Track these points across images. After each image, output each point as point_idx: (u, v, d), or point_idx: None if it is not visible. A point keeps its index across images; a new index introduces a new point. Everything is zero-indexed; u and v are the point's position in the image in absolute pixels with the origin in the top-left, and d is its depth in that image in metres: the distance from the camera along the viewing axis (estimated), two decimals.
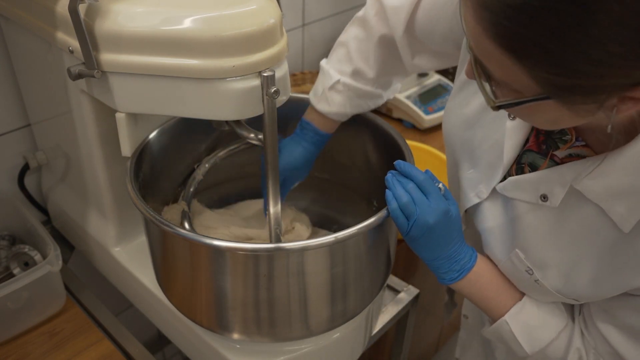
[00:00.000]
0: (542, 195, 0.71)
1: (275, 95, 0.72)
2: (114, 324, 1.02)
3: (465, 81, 0.82)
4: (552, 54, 0.49)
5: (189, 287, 0.82)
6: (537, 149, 0.74)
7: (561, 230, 0.71)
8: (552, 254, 0.73)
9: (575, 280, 0.72)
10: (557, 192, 0.70)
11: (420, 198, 0.74)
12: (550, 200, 0.71)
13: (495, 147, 0.78)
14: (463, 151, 0.84)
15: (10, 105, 1.10)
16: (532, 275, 0.75)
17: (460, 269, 0.79)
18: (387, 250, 0.86)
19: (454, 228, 0.77)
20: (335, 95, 0.94)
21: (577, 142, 0.70)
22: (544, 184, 0.71)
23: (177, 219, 0.94)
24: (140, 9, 0.71)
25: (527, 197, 0.73)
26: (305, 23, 1.63)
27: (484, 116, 0.80)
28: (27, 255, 1.02)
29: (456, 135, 0.85)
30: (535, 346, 0.80)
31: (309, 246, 0.72)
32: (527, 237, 0.75)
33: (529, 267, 0.75)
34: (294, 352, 0.86)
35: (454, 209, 0.76)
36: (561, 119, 0.58)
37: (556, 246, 0.73)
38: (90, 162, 0.94)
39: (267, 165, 0.79)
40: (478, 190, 0.81)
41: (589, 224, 0.68)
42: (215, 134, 1.01)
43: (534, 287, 0.77)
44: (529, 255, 0.75)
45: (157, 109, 0.76)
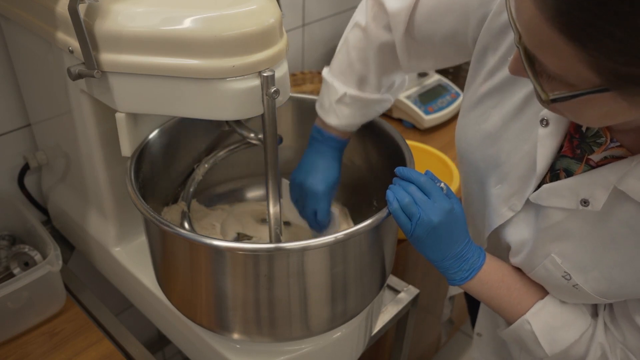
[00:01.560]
0: (582, 200, 0.69)
1: (275, 95, 0.72)
2: (114, 324, 1.02)
3: (480, 96, 0.80)
4: (621, 41, 0.47)
5: (189, 287, 0.82)
6: (572, 154, 0.72)
7: (602, 232, 0.69)
8: (593, 257, 0.71)
9: (621, 282, 0.70)
10: (599, 195, 0.67)
11: (422, 198, 0.74)
12: (592, 204, 0.68)
13: (525, 159, 0.76)
14: (488, 168, 0.81)
15: (10, 105, 1.10)
16: (569, 281, 0.73)
17: (469, 268, 0.78)
18: (387, 250, 0.86)
19: (459, 226, 0.76)
20: (343, 109, 0.94)
21: (612, 144, 0.68)
22: (584, 188, 0.68)
23: (177, 219, 0.94)
24: (140, 9, 0.71)
25: (565, 204, 0.71)
26: (305, 23, 1.63)
27: (508, 130, 0.78)
28: (27, 255, 1.02)
29: (477, 152, 0.82)
30: (556, 348, 0.79)
31: (309, 246, 0.72)
32: (565, 243, 0.73)
33: (566, 272, 0.73)
34: (294, 352, 0.86)
35: (457, 207, 0.76)
36: (615, 112, 0.56)
37: (597, 249, 0.70)
38: (90, 162, 0.94)
39: (267, 165, 0.79)
40: (511, 204, 0.78)
41: (632, 224, 0.66)
42: (215, 134, 1.01)
43: (571, 292, 0.75)
44: (566, 259, 0.73)
45: (157, 109, 0.76)
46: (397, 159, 0.89)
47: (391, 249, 0.88)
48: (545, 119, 0.72)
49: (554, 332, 0.78)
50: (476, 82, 0.82)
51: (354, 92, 0.93)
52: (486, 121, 0.80)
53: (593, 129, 0.69)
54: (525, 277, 0.81)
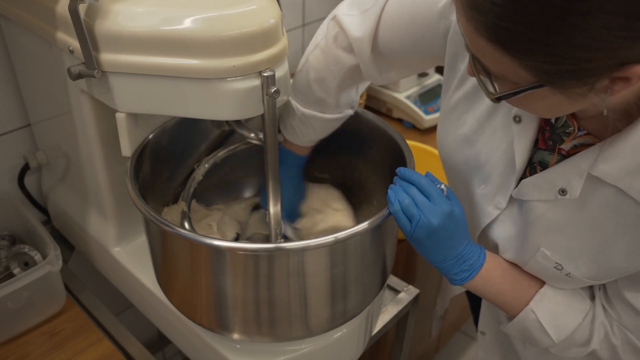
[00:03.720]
0: (560, 189, 0.72)
1: (276, 95, 0.72)
2: (114, 324, 1.02)
3: (455, 102, 0.83)
4: (538, 43, 0.52)
5: (189, 287, 0.82)
6: (545, 146, 0.76)
7: (583, 219, 0.72)
8: (579, 244, 0.74)
9: (609, 263, 0.73)
10: (574, 183, 0.70)
11: (423, 200, 0.75)
12: (570, 192, 0.71)
13: (504, 157, 0.79)
14: (470, 170, 0.84)
15: (10, 105, 1.10)
16: (562, 271, 0.76)
17: (470, 268, 0.79)
18: (387, 250, 0.86)
19: (459, 228, 0.77)
20: (302, 127, 0.96)
21: (579, 132, 0.71)
22: (560, 178, 0.72)
23: (177, 219, 0.94)
24: (140, 9, 0.71)
25: (545, 196, 0.74)
26: (305, 23, 1.63)
27: (484, 131, 0.81)
28: (27, 255, 1.02)
29: (457, 155, 0.85)
30: (562, 334, 0.80)
31: (309, 246, 0.72)
32: (551, 234, 0.76)
33: (558, 263, 0.76)
34: (294, 352, 0.86)
35: (457, 209, 0.76)
36: (559, 105, 0.61)
37: (581, 235, 0.73)
38: (90, 162, 0.94)
39: (267, 165, 0.79)
40: (496, 202, 0.81)
41: (610, 206, 0.69)
42: (215, 134, 1.01)
43: (566, 280, 0.77)
44: (555, 251, 0.75)
45: (157, 109, 0.76)
46: (397, 159, 0.89)
47: (391, 249, 0.88)
48: (518, 116, 0.76)
49: (558, 318, 0.80)
50: (450, 90, 0.85)
51: (312, 113, 0.94)
52: (462, 125, 0.83)
53: (561, 119, 0.73)
54: (524, 270, 0.82)
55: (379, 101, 1.68)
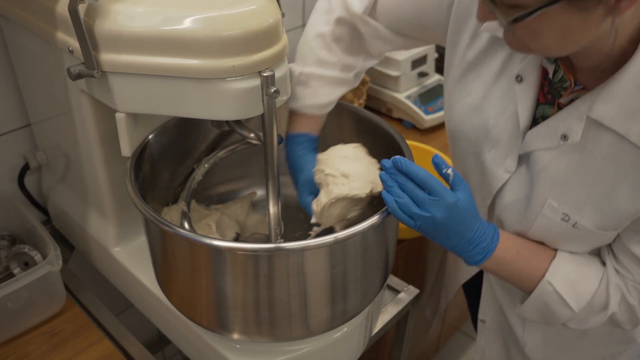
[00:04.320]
0: (562, 135, 0.75)
1: (275, 95, 0.72)
2: (114, 324, 1.02)
3: (460, 74, 0.87)
4: None
5: (189, 287, 0.82)
6: (544, 100, 0.79)
7: (587, 167, 0.75)
8: (583, 192, 0.76)
9: (613, 209, 0.75)
10: (575, 126, 0.74)
11: (422, 197, 0.73)
12: (571, 137, 0.75)
13: (511, 119, 0.82)
14: (479, 137, 0.86)
15: (10, 105, 1.10)
16: (568, 222, 0.78)
17: (483, 251, 0.79)
18: (387, 250, 0.86)
19: (467, 215, 0.75)
20: (301, 89, 0.93)
21: (576, 87, 0.75)
22: (561, 123, 0.75)
23: (177, 219, 0.94)
24: (140, 9, 0.71)
25: (548, 143, 0.77)
26: (305, 23, 1.63)
27: (490, 97, 0.84)
28: (27, 255, 1.02)
29: (466, 125, 0.87)
30: (582, 301, 0.81)
31: (309, 246, 0.72)
32: (556, 186, 0.78)
33: (564, 214, 0.78)
34: (294, 352, 0.86)
35: (463, 196, 0.75)
36: (571, 30, 0.63)
37: (585, 184, 0.76)
38: (90, 162, 0.94)
39: (267, 165, 0.79)
40: (506, 165, 0.84)
41: (611, 153, 0.73)
42: (215, 134, 1.01)
43: (572, 235, 0.79)
44: (561, 202, 0.78)
45: (157, 109, 0.76)
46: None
47: (391, 249, 0.88)
48: (520, 76, 0.79)
49: (575, 286, 0.81)
50: (454, 63, 0.88)
51: (309, 70, 0.92)
52: (469, 94, 0.86)
53: (558, 74, 0.77)
54: (538, 245, 0.83)
55: (379, 101, 1.68)
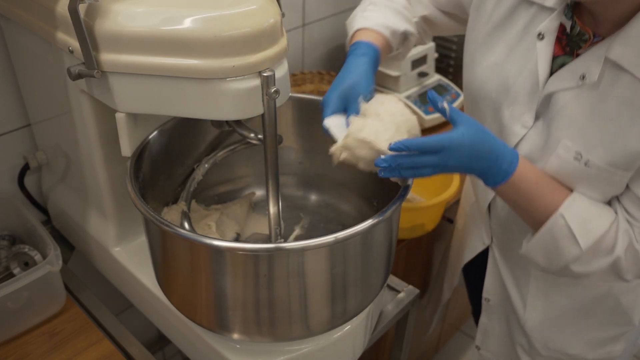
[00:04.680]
0: (581, 75, 0.80)
1: (275, 95, 0.72)
2: (114, 324, 1.02)
3: (485, 35, 0.93)
4: None
5: (189, 287, 0.82)
6: (563, 52, 0.85)
7: (601, 107, 0.80)
8: (596, 131, 0.81)
9: (624, 148, 0.79)
10: (593, 67, 0.79)
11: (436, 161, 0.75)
12: (589, 77, 0.80)
13: (530, 77, 0.87)
14: (499, 95, 0.91)
15: (10, 105, 1.10)
16: (580, 160, 0.82)
17: (505, 169, 0.80)
18: (387, 250, 0.86)
19: (480, 143, 0.77)
20: (370, 12, 1.01)
21: (595, 39, 0.80)
22: (581, 65, 0.81)
23: (177, 219, 0.94)
24: (140, 9, 0.71)
25: (567, 84, 0.82)
26: (305, 23, 1.63)
27: (512, 56, 0.89)
28: (27, 255, 1.02)
29: (488, 84, 0.92)
30: (590, 239, 0.83)
31: (309, 246, 0.72)
32: (571, 125, 0.83)
33: (577, 152, 0.82)
34: (294, 352, 0.86)
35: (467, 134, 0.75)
36: None
37: (599, 123, 0.80)
38: (90, 162, 0.94)
39: (267, 165, 0.79)
40: (523, 121, 0.89)
41: (626, 95, 0.77)
42: (215, 134, 1.01)
43: (583, 174, 0.83)
44: (575, 141, 0.82)
45: (157, 109, 0.76)
46: None
47: (391, 248, 0.88)
48: (541, 33, 0.85)
49: (586, 223, 0.83)
50: (478, 27, 0.94)
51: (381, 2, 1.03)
52: (493, 54, 0.92)
53: (575, 29, 0.82)
54: (556, 181, 0.86)
55: None
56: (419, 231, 1.32)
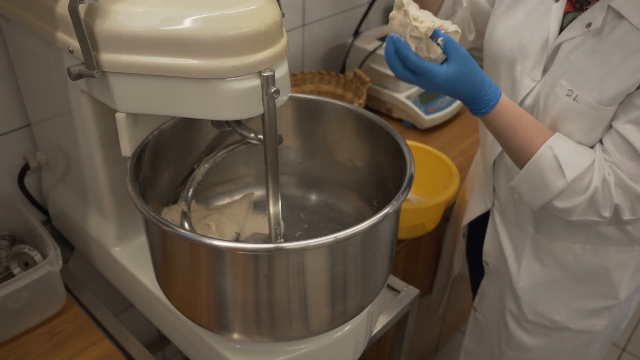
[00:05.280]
0: (587, 24, 0.91)
1: (275, 95, 0.72)
2: (114, 324, 1.02)
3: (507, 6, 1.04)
4: None
5: (189, 287, 0.82)
6: (573, 9, 0.95)
7: (599, 50, 0.89)
8: (589, 75, 0.90)
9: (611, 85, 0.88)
10: (597, 15, 0.89)
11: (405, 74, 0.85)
12: (594, 23, 0.90)
13: (542, 33, 0.97)
14: (514, 53, 1.01)
15: (10, 105, 1.10)
16: (571, 96, 0.92)
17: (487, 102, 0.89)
18: (387, 250, 0.86)
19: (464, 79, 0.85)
20: None
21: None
22: (588, 15, 0.91)
23: (177, 220, 0.94)
24: (140, 9, 0.71)
25: (575, 33, 0.92)
26: (305, 23, 1.63)
27: (531, 18, 1.00)
28: (27, 255, 1.02)
29: (506, 43, 1.03)
30: (575, 171, 0.90)
31: (309, 246, 0.72)
32: (571, 70, 0.92)
33: (570, 90, 0.92)
34: (294, 352, 0.86)
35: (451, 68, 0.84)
36: None
37: (593, 64, 0.90)
38: (90, 162, 0.94)
39: (267, 165, 0.79)
40: (532, 75, 0.98)
41: (621, 40, 0.87)
42: (215, 134, 1.01)
43: (572, 108, 0.92)
44: (570, 81, 0.92)
45: (157, 109, 0.76)
46: (397, 159, 0.89)
47: (391, 249, 0.88)
48: None
49: (572, 155, 0.91)
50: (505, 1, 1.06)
51: None
52: (512, 17, 1.03)
53: None
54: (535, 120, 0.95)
55: (379, 101, 1.68)
56: (419, 231, 1.32)
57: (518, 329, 1.20)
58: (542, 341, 1.19)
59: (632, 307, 1.20)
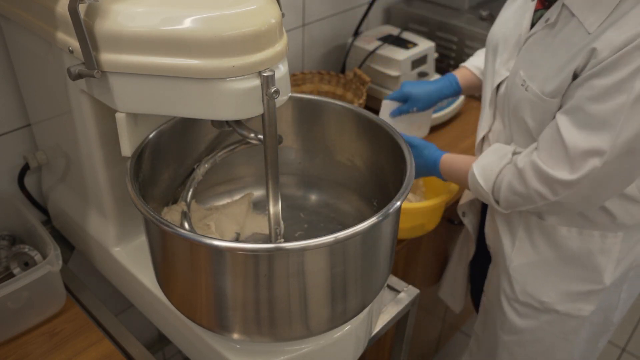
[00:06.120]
0: (546, 19, 1.01)
1: (275, 95, 0.72)
2: (114, 324, 1.02)
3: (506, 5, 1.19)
4: None
5: (189, 287, 0.82)
6: (542, 6, 1.05)
7: (551, 44, 1.00)
8: (541, 62, 1.01)
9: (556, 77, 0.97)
10: (554, 11, 1.00)
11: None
12: (550, 19, 1.00)
13: (518, 29, 1.09)
14: (498, 43, 1.15)
15: (10, 105, 1.10)
16: (524, 85, 1.03)
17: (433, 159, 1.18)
18: (387, 250, 0.86)
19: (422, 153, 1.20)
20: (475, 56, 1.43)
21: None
22: (548, 12, 1.02)
23: (177, 220, 0.94)
24: (140, 9, 0.71)
25: (538, 27, 1.03)
26: (305, 23, 1.63)
27: (517, 12, 1.12)
28: (27, 255, 1.02)
29: (497, 32, 1.16)
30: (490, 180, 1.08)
31: (309, 246, 0.72)
32: (528, 62, 1.04)
33: (524, 80, 1.03)
34: (294, 352, 0.86)
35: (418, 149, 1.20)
36: None
37: (545, 57, 1.00)
38: (90, 162, 0.94)
39: (267, 165, 0.79)
40: (508, 65, 1.11)
41: (569, 35, 0.96)
42: (215, 134, 1.01)
43: (526, 98, 1.03)
44: (526, 72, 1.03)
45: (157, 109, 0.76)
46: (397, 159, 0.89)
47: (391, 249, 0.88)
48: None
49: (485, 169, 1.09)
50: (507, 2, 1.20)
51: None
52: (506, 12, 1.18)
53: None
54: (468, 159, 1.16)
55: (379, 101, 1.68)
56: (419, 231, 1.32)
57: (510, 310, 1.24)
58: (532, 324, 1.23)
59: (623, 298, 1.22)
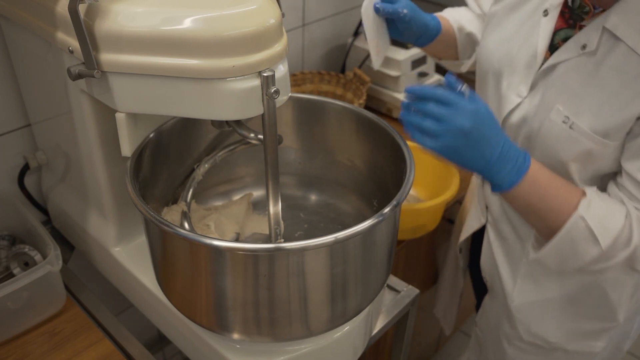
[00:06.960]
0: (582, 45, 0.86)
1: (275, 95, 0.72)
2: (114, 324, 1.02)
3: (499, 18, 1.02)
4: None
5: (189, 287, 0.82)
6: (566, 25, 0.91)
7: (596, 75, 0.85)
8: (586, 100, 0.85)
9: (608, 114, 0.83)
10: (593, 36, 0.85)
11: (444, 112, 0.77)
12: (589, 46, 0.85)
13: (530, 47, 0.94)
14: (502, 65, 0.98)
15: (10, 105, 1.10)
16: (567, 123, 0.86)
17: (517, 168, 0.81)
18: (387, 250, 0.86)
19: (491, 126, 0.79)
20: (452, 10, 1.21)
21: (596, 10, 0.86)
22: (583, 36, 0.86)
23: (177, 220, 0.94)
24: (140, 9, 0.71)
25: (570, 54, 0.87)
26: (305, 23, 1.63)
27: (519, 31, 0.97)
28: (27, 255, 1.02)
29: (494, 55, 1.00)
30: (609, 237, 0.82)
31: (309, 246, 0.72)
32: (566, 91, 0.88)
33: (566, 117, 0.86)
34: (294, 352, 0.86)
35: (483, 108, 0.79)
36: None
37: (591, 90, 0.85)
38: (90, 162, 0.94)
39: (267, 165, 0.79)
40: (518, 91, 0.95)
41: (619, 64, 0.82)
42: (215, 134, 1.01)
43: (569, 136, 0.87)
44: (566, 107, 0.87)
45: (157, 109, 0.76)
46: (397, 159, 0.89)
47: (391, 249, 0.88)
48: (546, 10, 0.92)
49: (605, 221, 0.83)
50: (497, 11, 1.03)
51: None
52: (503, 31, 1.00)
53: (576, 2, 0.88)
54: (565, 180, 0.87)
55: (379, 101, 1.68)
56: (419, 231, 1.32)
57: (511, 348, 1.16)
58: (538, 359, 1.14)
59: (635, 329, 1.15)
